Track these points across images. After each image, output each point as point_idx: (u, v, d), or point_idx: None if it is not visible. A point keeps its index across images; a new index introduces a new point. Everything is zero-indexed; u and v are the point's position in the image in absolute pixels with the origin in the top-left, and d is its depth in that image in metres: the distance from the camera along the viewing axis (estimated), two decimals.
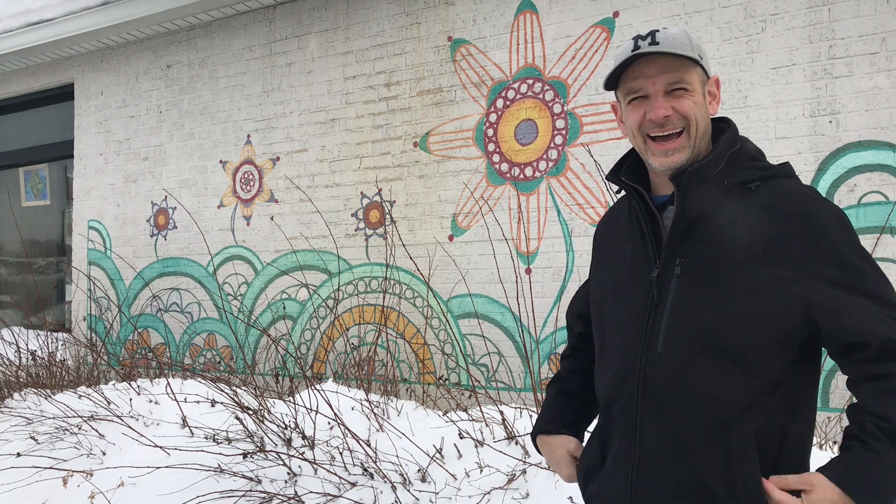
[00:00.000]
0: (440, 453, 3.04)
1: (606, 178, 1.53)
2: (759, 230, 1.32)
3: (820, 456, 2.59)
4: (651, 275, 1.39)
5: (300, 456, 3.17)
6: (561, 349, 4.14)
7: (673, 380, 1.33)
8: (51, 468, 3.53)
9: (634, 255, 1.46)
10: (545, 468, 2.77)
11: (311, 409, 3.35)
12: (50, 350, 5.17)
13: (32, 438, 3.87)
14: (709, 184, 1.36)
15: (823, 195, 3.46)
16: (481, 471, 2.88)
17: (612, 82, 1.44)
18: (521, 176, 4.30)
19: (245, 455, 3.22)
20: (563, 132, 4.18)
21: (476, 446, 3.01)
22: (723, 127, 1.47)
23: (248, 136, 5.40)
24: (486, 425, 3.17)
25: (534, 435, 1.69)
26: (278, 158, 5.26)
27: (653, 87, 1.37)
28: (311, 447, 3.24)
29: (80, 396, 4.11)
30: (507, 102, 4.36)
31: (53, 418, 3.94)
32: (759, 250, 1.30)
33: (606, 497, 1.42)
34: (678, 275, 1.35)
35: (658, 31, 1.38)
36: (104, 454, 3.60)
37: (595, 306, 1.57)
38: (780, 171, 1.41)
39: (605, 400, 1.47)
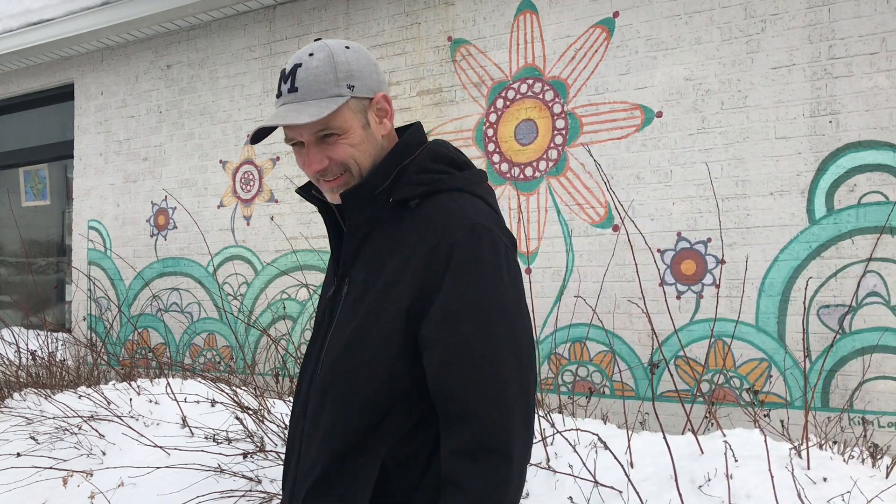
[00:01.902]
0: None
1: (296, 191, 1.42)
2: (405, 251, 1.23)
3: (819, 456, 2.59)
4: (328, 294, 1.36)
5: None
6: (561, 349, 4.14)
7: (319, 404, 1.28)
8: (51, 468, 3.53)
9: (329, 272, 1.41)
10: (545, 468, 2.77)
11: None
12: (50, 350, 5.17)
13: (32, 438, 3.87)
14: (370, 204, 1.28)
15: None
16: None
17: (263, 134, 1.29)
18: (521, 176, 4.30)
19: (245, 455, 3.22)
20: (563, 132, 4.18)
21: None
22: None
23: (248, 136, 5.40)
24: None
25: None
26: (278, 158, 5.26)
27: (303, 137, 1.27)
28: None
29: (80, 396, 4.10)
30: (507, 102, 4.36)
31: (53, 418, 3.94)
32: (398, 272, 1.22)
33: None
34: (345, 295, 1.30)
35: (300, 65, 1.25)
36: (104, 454, 3.60)
37: None
38: (445, 185, 1.28)
39: (289, 424, 1.41)
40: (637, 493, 2.43)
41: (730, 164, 3.72)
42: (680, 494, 2.34)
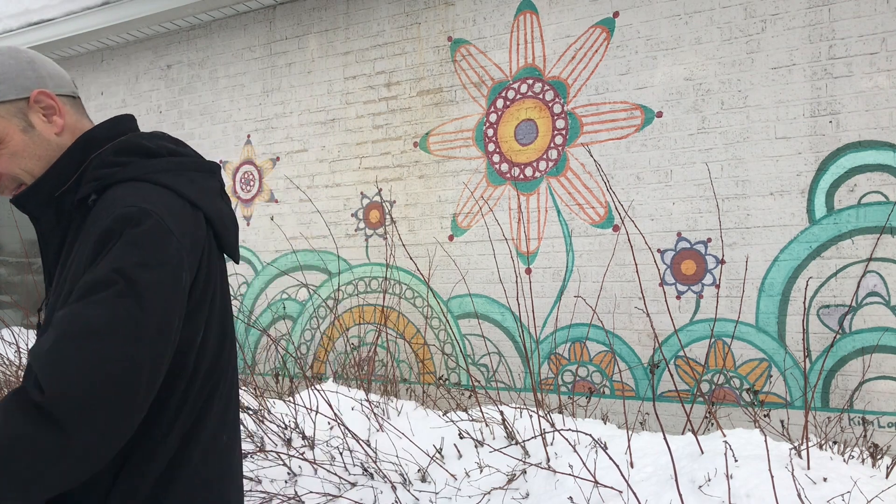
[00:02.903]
0: (440, 453, 3.04)
1: (11, 201, 1.31)
2: (80, 250, 1.15)
3: (819, 456, 2.59)
4: (40, 306, 1.29)
5: (300, 456, 3.17)
6: (561, 349, 4.14)
7: None
8: None
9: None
10: (545, 468, 2.77)
11: (311, 409, 3.35)
12: None
13: None
14: (52, 208, 1.21)
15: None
16: (481, 471, 2.88)
17: None
18: (521, 176, 4.30)
19: (245, 455, 3.22)
20: (563, 132, 4.18)
21: (476, 446, 3.01)
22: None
23: (248, 136, 5.40)
24: (486, 425, 3.17)
25: None
26: (278, 158, 5.26)
27: None
28: (311, 447, 3.24)
29: None
30: (507, 102, 4.37)
31: None
32: (75, 272, 1.14)
33: None
34: (47, 305, 1.22)
35: None
36: None
37: None
38: (117, 177, 1.19)
39: None
40: (634, 493, 2.42)
41: (730, 164, 3.72)
42: (680, 494, 2.34)
